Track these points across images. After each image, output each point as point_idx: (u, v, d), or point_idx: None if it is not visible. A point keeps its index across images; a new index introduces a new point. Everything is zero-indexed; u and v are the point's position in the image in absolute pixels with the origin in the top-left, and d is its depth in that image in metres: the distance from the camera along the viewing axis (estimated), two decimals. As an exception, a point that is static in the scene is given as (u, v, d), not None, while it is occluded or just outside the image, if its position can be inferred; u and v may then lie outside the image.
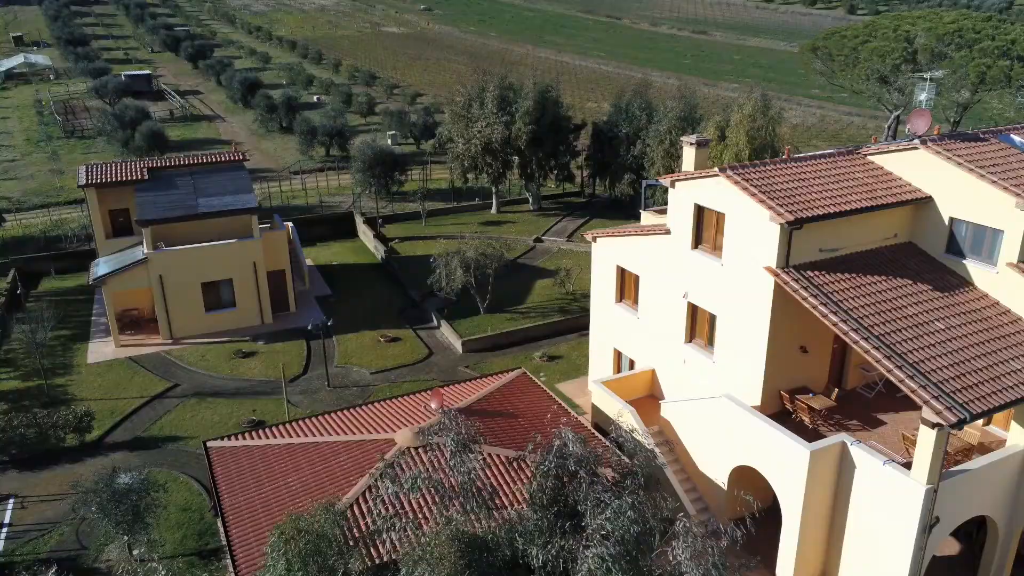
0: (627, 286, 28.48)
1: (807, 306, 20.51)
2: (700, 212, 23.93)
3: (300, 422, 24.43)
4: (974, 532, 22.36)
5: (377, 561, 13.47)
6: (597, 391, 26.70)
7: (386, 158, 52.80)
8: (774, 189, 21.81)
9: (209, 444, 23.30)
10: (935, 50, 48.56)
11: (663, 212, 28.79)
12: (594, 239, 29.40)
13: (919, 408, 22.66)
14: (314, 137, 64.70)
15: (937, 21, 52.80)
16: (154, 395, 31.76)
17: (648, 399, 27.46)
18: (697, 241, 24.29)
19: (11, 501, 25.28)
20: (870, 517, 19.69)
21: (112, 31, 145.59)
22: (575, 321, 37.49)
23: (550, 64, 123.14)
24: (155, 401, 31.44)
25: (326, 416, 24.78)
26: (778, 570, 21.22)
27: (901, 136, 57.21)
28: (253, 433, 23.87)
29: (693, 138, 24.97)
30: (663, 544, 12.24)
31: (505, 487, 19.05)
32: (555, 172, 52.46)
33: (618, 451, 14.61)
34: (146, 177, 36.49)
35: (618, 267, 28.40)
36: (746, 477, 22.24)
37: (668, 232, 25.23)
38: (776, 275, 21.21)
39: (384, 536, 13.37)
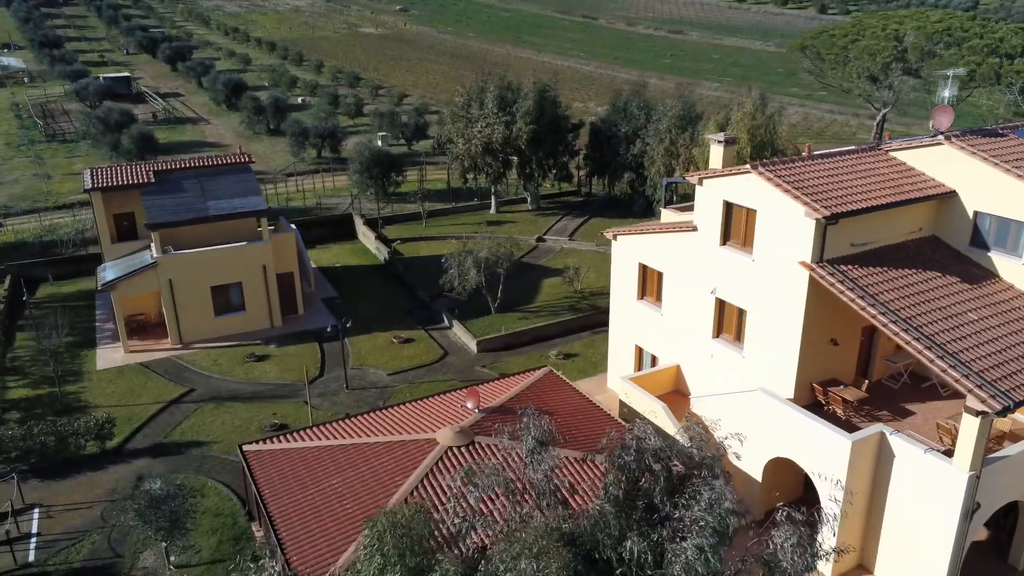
0: (649, 283, 28.74)
1: (845, 299, 20.90)
2: (729, 209, 24.25)
3: (334, 424, 24.32)
4: (1001, 518, 22.90)
5: (461, 555, 13.51)
6: (625, 387, 26.92)
7: (383, 159, 52.67)
8: (806, 185, 22.19)
9: (244, 448, 23.10)
10: (925, 48, 49.62)
11: (685, 209, 29.17)
12: (614, 237, 29.64)
13: (946, 398, 23.39)
14: (306, 139, 64.24)
15: (924, 20, 53.93)
16: (170, 400, 31.37)
17: (673, 395, 27.72)
18: (726, 237, 24.60)
19: (36, 510, 24.84)
20: (911, 506, 20.11)
21: (84, 33, 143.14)
22: (587, 319, 37.74)
23: (531, 64, 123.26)
24: (172, 407, 31.05)
25: (359, 417, 24.70)
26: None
27: (887, 134, 58.19)
28: (288, 436, 23.71)
29: (721, 136, 25.33)
30: (760, 533, 12.46)
31: (572, 481, 19.15)
32: (554, 172, 52.69)
33: (688, 444, 14.79)
34: (152, 180, 36.00)
35: (640, 264, 28.66)
36: (777, 470, 22.65)
37: (695, 229, 25.53)
38: (812, 270, 21.58)
39: (465, 535, 13.40)
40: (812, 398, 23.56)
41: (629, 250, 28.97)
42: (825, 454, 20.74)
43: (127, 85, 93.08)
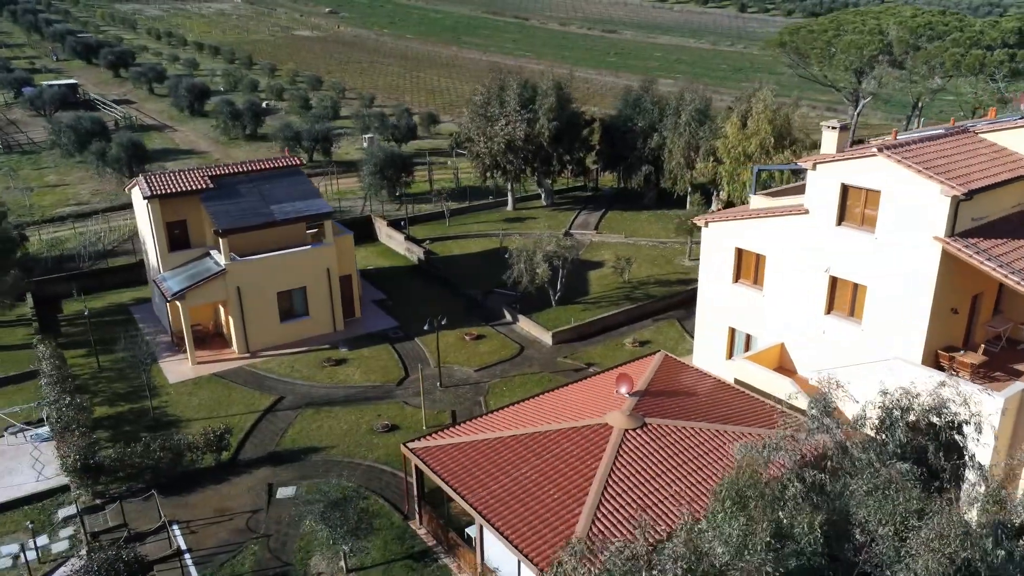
0: (746, 266, 29.94)
1: (984, 269, 22.60)
2: (845, 191, 25.69)
3: (485, 417, 24.54)
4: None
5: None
6: (742, 366, 28.04)
7: (397, 160, 52.48)
8: (932, 166, 23.82)
9: (411, 446, 23.04)
10: (910, 42, 53.00)
11: (778, 195, 30.59)
12: (706, 224, 30.73)
13: (1054, 356, 25.38)
14: (298, 143, 62.99)
15: (900, 15, 57.51)
16: (265, 409, 30.65)
17: (777, 371, 29.00)
18: (841, 218, 26.03)
19: (176, 527, 24.00)
20: (1055, 454, 21.96)
21: (1, 39, 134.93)
22: (648, 307, 38.78)
23: (484, 65, 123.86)
24: (268, 415, 30.37)
25: (507, 410, 24.96)
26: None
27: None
28: (447, 431, 23.78)
29: (835, 123, 26.76)
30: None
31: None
32: (571, 167, 53.63)
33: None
34: (210, 186, 34.92)
35: (737, 248, 29.83)
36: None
37: (805, 212, 26.87)
38: (947, 244, 23.20)
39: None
40: (934, 364, 25.25)
41: (724, 235, 30.08)
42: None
43: (74, 92, 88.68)
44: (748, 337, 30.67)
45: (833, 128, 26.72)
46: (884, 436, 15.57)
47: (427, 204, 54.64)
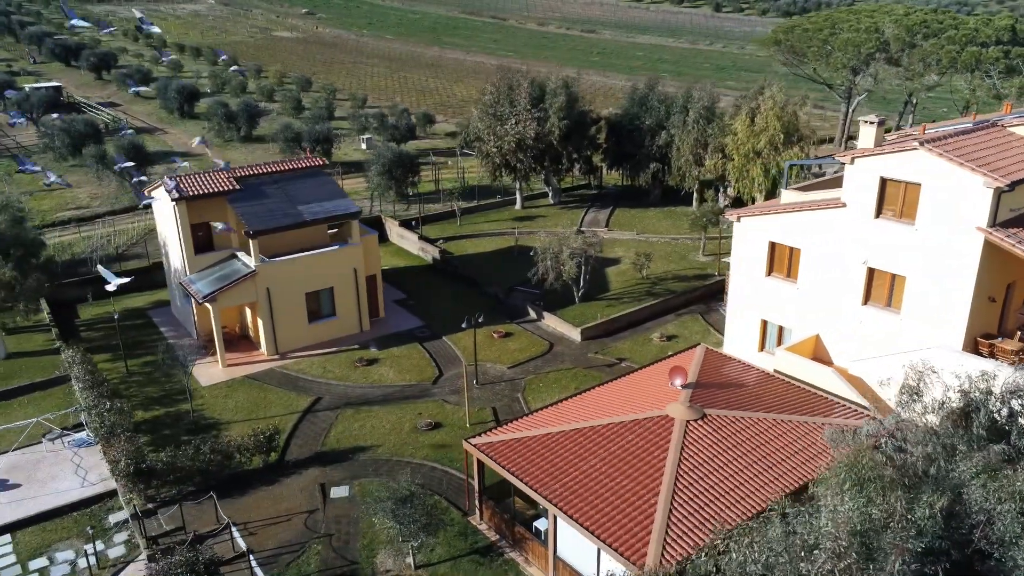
0: (779, 259, 30.49)
1: (1028, 258, 23.34)
2: (884, 184, 26.32)
3: (539, 413, 24.77)
4: None
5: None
6: (783, 357, 28.58)
7: (404, 160, 52.43)
8: (973, 159, 24.53)
9: (473, 442, 23.19)
10: (906, 40, 54.22)
11: (809, 189, 31.20)
12: (738, 218, 31.24)
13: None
14: (298, 143, 62.60)
15: (893, 14, 58.77)
16: (304, 410, 30.56)
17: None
18: (879, 211, 26.66)
19: (235, 528, 23.88)
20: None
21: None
22: (669, 303, 39.25)
23: (468, 65, 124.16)
24: (308, 416, 30.28)
25: (558, 406, 25.21)
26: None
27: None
28: (505, 427, 23.97)
29: (873, 118, 27.37)
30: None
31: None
32: (579, 165, 54.00)
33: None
34: (237, 187, 34.69)
35: (770, 242, 30.38)
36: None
37: (843, 205, 27.48)
38: (990, 234, 23.92)
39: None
40: (973, 351, 25.98)
41: (756, 229, 30.60)
42: (1020, 397, 23.07)
43: (58, 95, 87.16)
44: (780, 329, 31.25)
45: (871, 123, 27.35)
46: (970, 419, 16.10)
47: (436, 204, 54.69)
